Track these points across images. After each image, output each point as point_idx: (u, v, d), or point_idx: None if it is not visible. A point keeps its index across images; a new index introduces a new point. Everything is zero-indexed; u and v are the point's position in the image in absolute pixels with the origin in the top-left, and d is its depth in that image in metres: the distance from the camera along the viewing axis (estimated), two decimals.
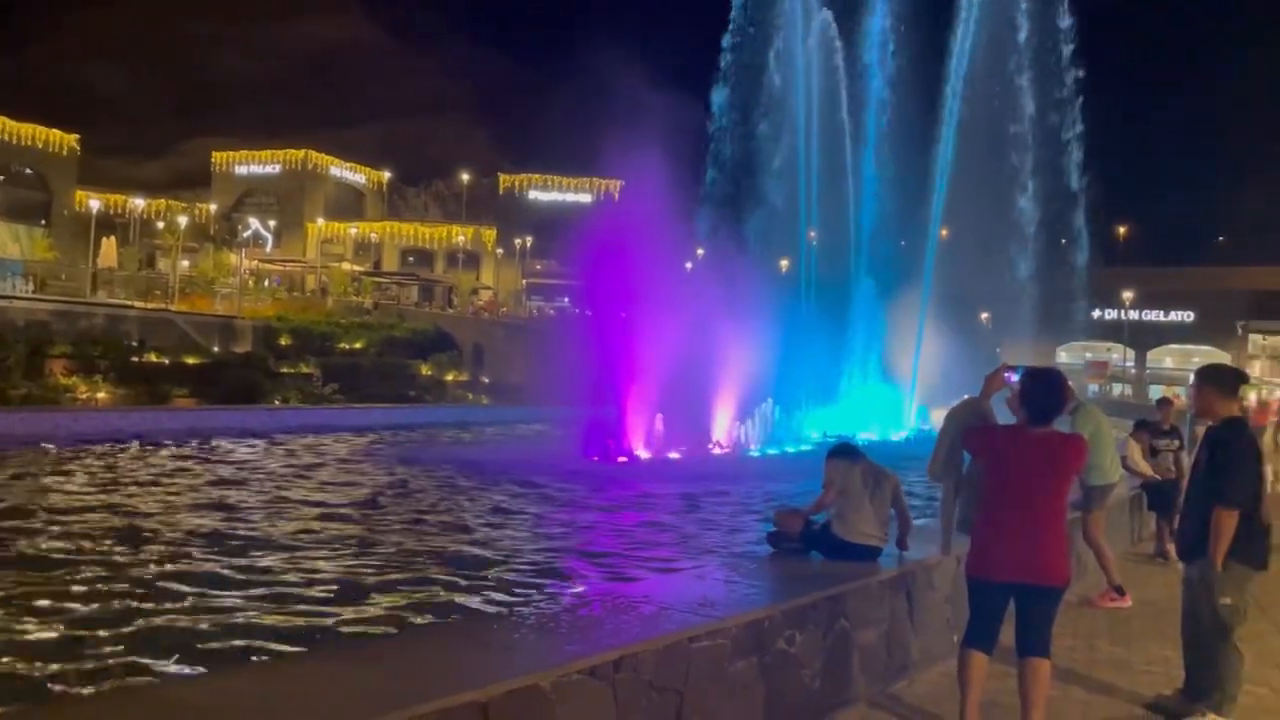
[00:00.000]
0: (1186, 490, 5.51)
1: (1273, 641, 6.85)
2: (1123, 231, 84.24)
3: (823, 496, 5.83)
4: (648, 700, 3.83)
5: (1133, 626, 7.08)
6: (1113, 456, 8.32)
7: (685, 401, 19.64)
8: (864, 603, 5.30)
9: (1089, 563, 8.43)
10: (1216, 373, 5.35)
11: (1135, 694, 5.54)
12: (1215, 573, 4.98)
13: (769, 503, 11.58)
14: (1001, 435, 4.88)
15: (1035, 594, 4.65)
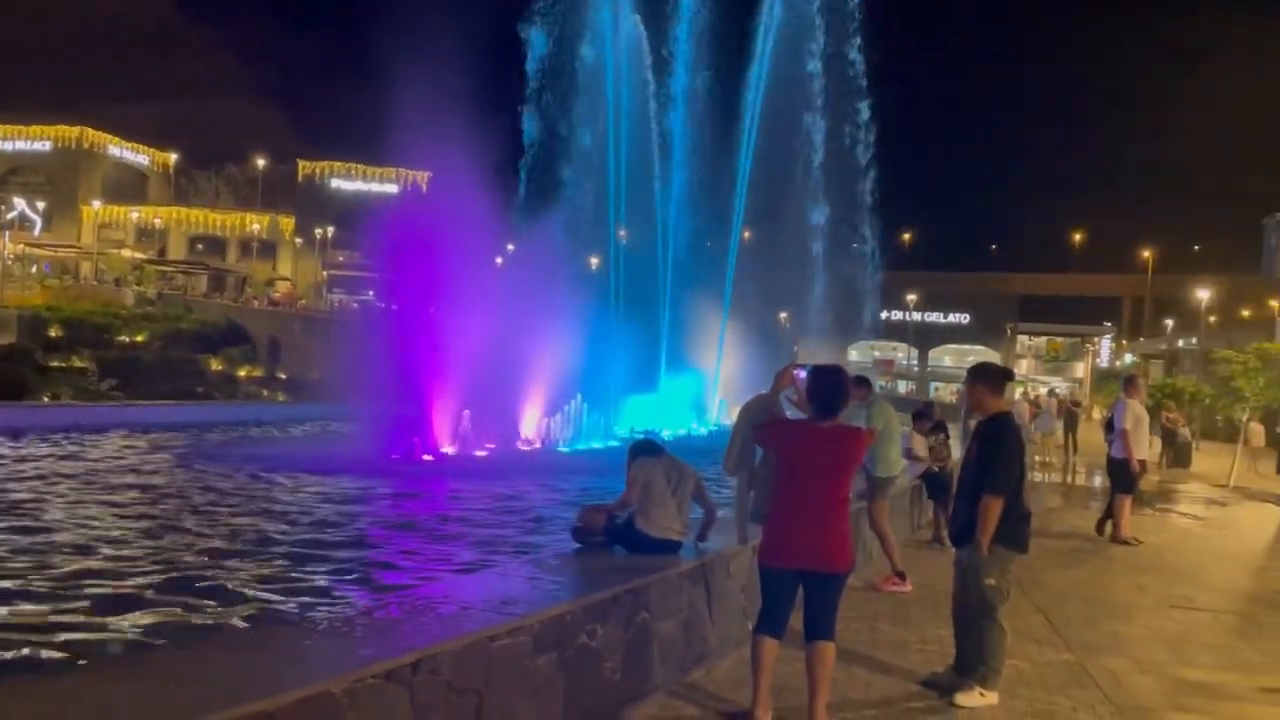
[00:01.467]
0: (958, 480, 5.92)
1: (1032, 619, 7.49)
2: (908, 238, 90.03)
3: (626, 493, 5.92)
4: (447, 702, 3.76)
5: (911, 609, 7.55)
6: (897, 450, 8.87)
7: (494, 398, 19.46)
8: (664, 594, 5.41)
9: (874, 550, 8.94)
10: (986, 371, 5.78)
11: (912, 672, 5.92)
12: (981, 555, 5.38)
13: (576, 499, 11.66)
14: (791, 429, 5.10)
15: (822, 580, 4.89)
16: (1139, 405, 12.09)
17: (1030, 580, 8.89)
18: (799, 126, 36.44)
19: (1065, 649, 6.70)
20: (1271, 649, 7.06)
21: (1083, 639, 6.98)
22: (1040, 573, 9.21)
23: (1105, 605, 8.19)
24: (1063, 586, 8.85)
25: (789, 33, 32.99)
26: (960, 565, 5.61)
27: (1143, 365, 62.67)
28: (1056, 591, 8.58)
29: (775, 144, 34.07)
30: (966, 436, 10.12)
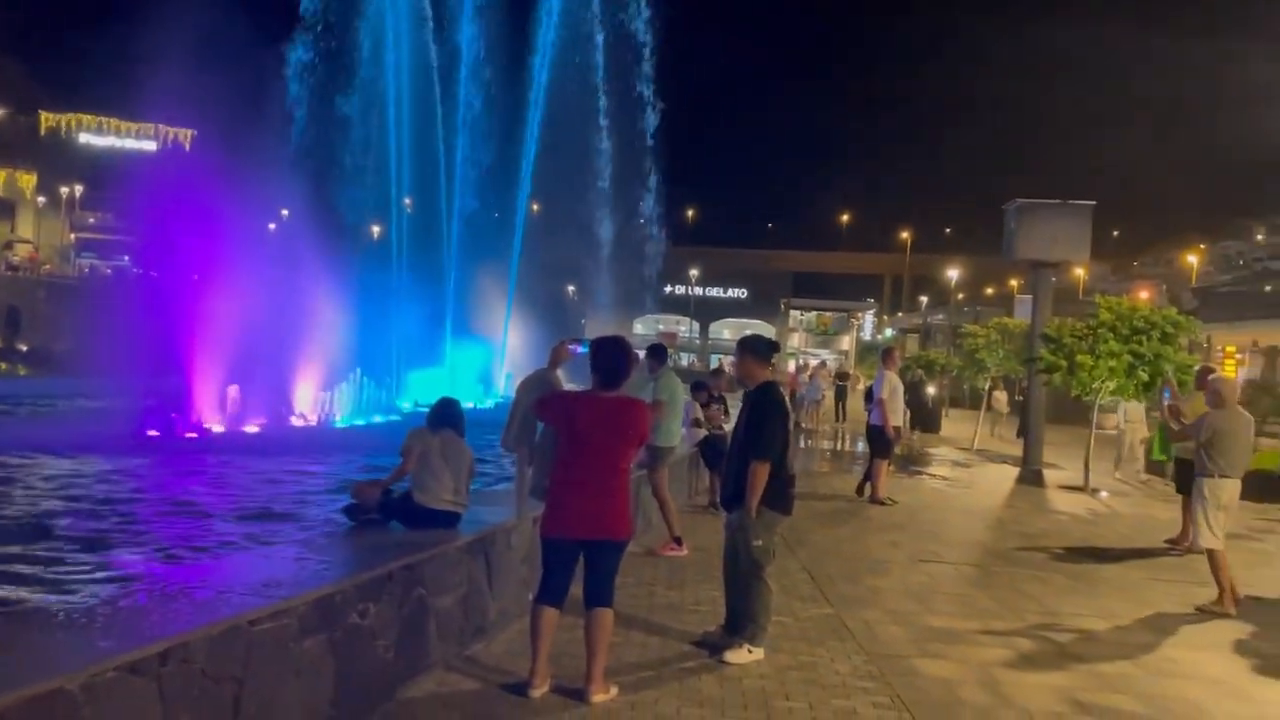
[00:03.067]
0: (729, 447, 6.15)
1: (798, 577, 7.92)
2: (691, 215, 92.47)
3: (402, 465, 5.77)
4: (201, 691, 3.54)
5: (687, 572, 7.81)
6: (679, 421, 9.11)
7: (265, 371, 18.48)
8: (442, 569, 5.32)
9: (654, 516, 9.16)
10: (754, 343, 6.03)
11: (686, 633, 6.12)
12: (750, 518, 5.63)
13: (351, 476, 11.27)
14: (573, 401, 5.12)
15: (602, 549, 4.97)
16: (894, 376, 12.99)
17: (797, 540, 9.39)
18: (584, 101, 36.57)
19: (827, 604, 7.13)
20: (1003, 596, 7.79)
21: (842, 594, 7.46)
22: (806, 533, 9.75)
23: (863, 562, 8.78)
24: (826, 545, 9.40)
25: (575, 5, 32.97)
26: (730, 528, 5.84)
27: (901, 339, 67.46)
28: (820, 550, 9.12)
29: (562, 117, 34.03)
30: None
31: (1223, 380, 8.24)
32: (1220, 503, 7.76)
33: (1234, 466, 7.77)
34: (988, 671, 5.76)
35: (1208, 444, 7.81)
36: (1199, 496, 7.84)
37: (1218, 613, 7.50)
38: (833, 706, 5.01)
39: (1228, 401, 7.90)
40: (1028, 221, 16.03)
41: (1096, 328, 14.21)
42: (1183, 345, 14.85)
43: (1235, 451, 7.77)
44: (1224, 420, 7.80)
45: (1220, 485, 7.75)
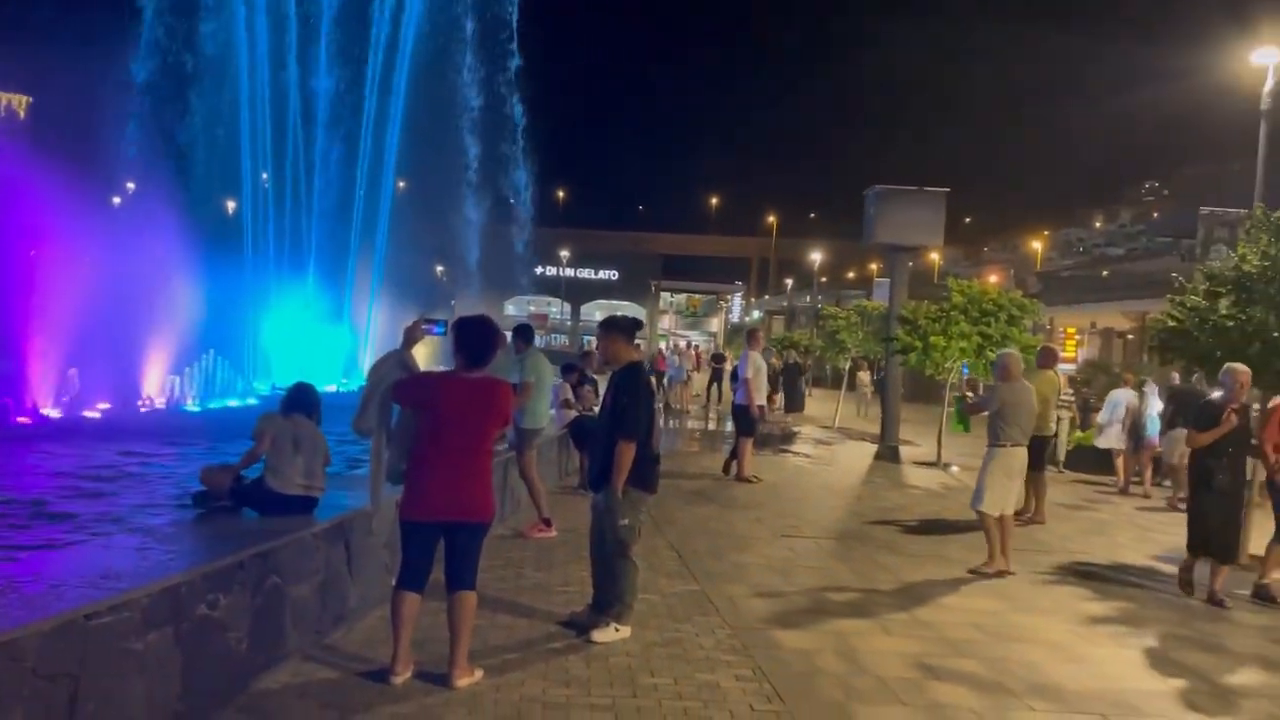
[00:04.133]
0: (599, 429, 6.13)
1: (664, 554, 8.01)
2: (562, 196, 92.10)
3: (253, 449, 5.55)
4: (33, 691, 3.32)
5: (556, 553, 7.79)
6: (546, 403, 9.04)
7: (109, 352, 17.46)
8: (298, 556, 5.14)
9: (523, 498, 9.10)
10: (619, 322, 6.03)
11: (554, 614, 6.11)
12: (616, 497, 5.65)
13: (201, 461, 10.76)
14: (433, 382, 5.01)
15: (465, 531, 4.89)
16: (759, 356, 13.26)
17: (665, 519, 9.50)
18: (453, 78, 35.84)
19: (693, 580, 7.24)
20: (859, 568, 8.07)
21: (708, 570, 7.58)
22: (674, 511, 9.87)
23: (728, 538, 8.95)
24: (692, 523, 9.54)
25: None
26: (597, 507, 5.85)
27: (768, 320, 68.93)
28: (687, 528, 9.24)
29: (430, 94, 33.24)
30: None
31: (1010, 356, 8.63)
32: (1010, 471, 8.16)
33: (1024, 434, 8.23)
34: (845, 641, 5.96)
35: (998, 415, 8.22)
36: (989, 464, 8.19)
37: (988, 574, 7.93)
38: (697, 681, 5.09)
39: (1014, 375, 8.36)
40: (885, 207, 16.57)
41: (949, 310, 14.83)
42: (1027, 327, 15.65)
43: (1022, 421, 8.21)
44: (1011, 393, 8.22)
45: (1011, 454, 8.15)
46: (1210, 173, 60.40)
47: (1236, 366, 7.67)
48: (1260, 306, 8.73)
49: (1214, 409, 7.54)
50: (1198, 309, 9.27)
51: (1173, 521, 11.71)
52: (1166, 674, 5.72)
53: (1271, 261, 8.88)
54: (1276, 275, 8.78)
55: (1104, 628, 6.69)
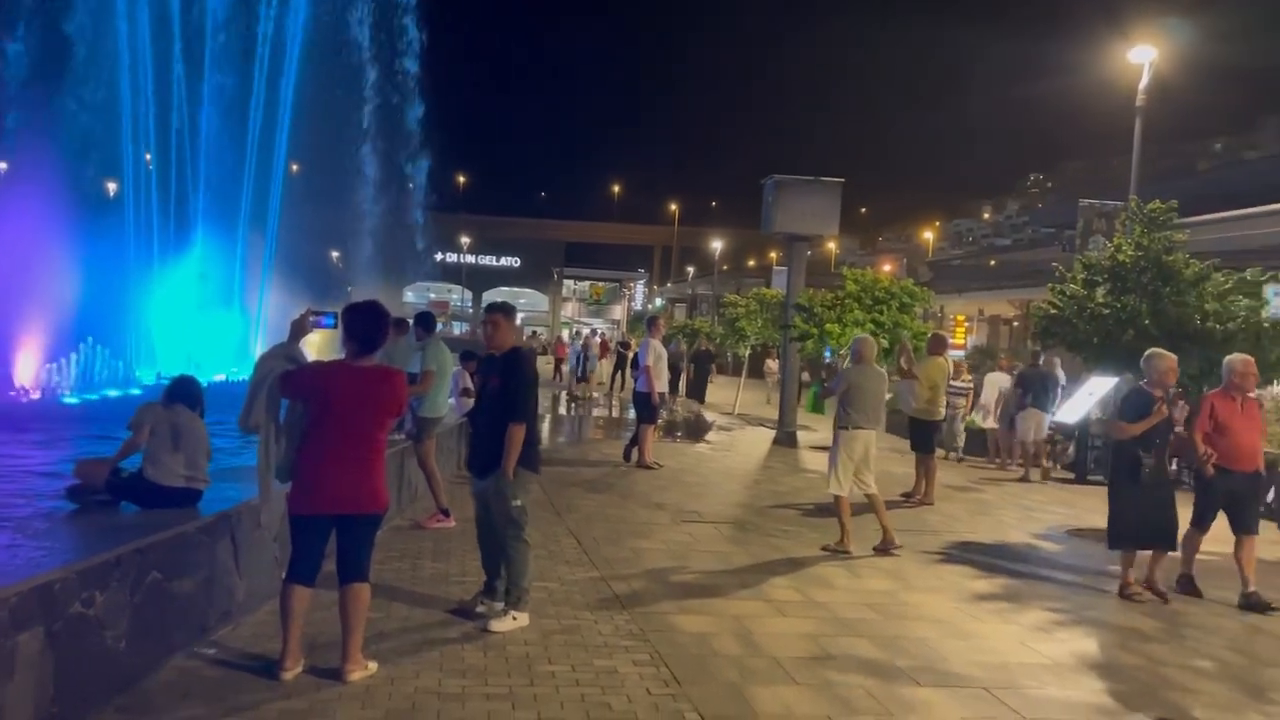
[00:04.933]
0: (476, 413, 6.06)
1: (564, 542, 7.99)
2: (463, 181, 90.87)
3: (131, 440, 5.33)
4: None
5: (453, 543, 7.70)
6: (445, 392, 8.90)
7: None
8: (181, 551, 4.96)
9: (420, 488, 8.96)
10: (506, 307, 6.01)
11: (449, 602, 6.04)
12: (508, 479, 5.63)
13: (80, 454, 10.28)
14: (322, 373, 4.88)
15: (358, 523, 4.79)
16: (659, 344, 13.33)
17: (565, 506, 9.48)
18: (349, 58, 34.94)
19: (592, 567, 7.24)
20: (757, 551, 8.20)
21: (607, 556, 7.59)
22: (574, 499, 9.85)
23: (628, 525, 8.98)
24: (593, 510, 9.54)
25: None
26: (486, 493, 5.79)
27: (670, 308, 69.35)
28: (587, 515, 9.24)
29: (324, 76, 32.33)
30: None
31: (863, 340, 8.79)
32: (854, 453, 8.29)
33: (868, 419, 8.37)
34: (741, 623, 6.04)
35: (845, 398, 8.36)
36: (836, 446, 8.38)
37: (840, 551, 8.16)
38: (595, 667, 5.09)
39: (864, 359, 8.52)
40: (784, 197, 16.82)
41: (844, 298, 15.16)
42: (918, 314, 16.11)
43: (869, 405, 8.36)
44: (860, 376, 8.39)
45: (855, 436, 8.29)
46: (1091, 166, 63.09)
47: (1159, 353, 7.49)
48: (1133, 295, 9.16)
49: (1143, 398, 7.28)
50: (1076, 297, 9.68)
51: (1055, 501, 12.25)
52: (1046, 648, 5.96)
53: (1144, 252, 9.31)
54: (1149, 265, 9.22)
55: (988, 605, 6.93)
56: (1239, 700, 5.24)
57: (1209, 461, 7.35)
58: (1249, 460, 7.44)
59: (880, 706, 4.79)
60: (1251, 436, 7.49)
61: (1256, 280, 9.28)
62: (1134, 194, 12.46)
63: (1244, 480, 7.42)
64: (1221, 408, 7.43)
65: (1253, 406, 7.63)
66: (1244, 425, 7.43)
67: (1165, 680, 5.48)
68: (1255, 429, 7.57)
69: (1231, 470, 7.37)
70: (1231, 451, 7.37)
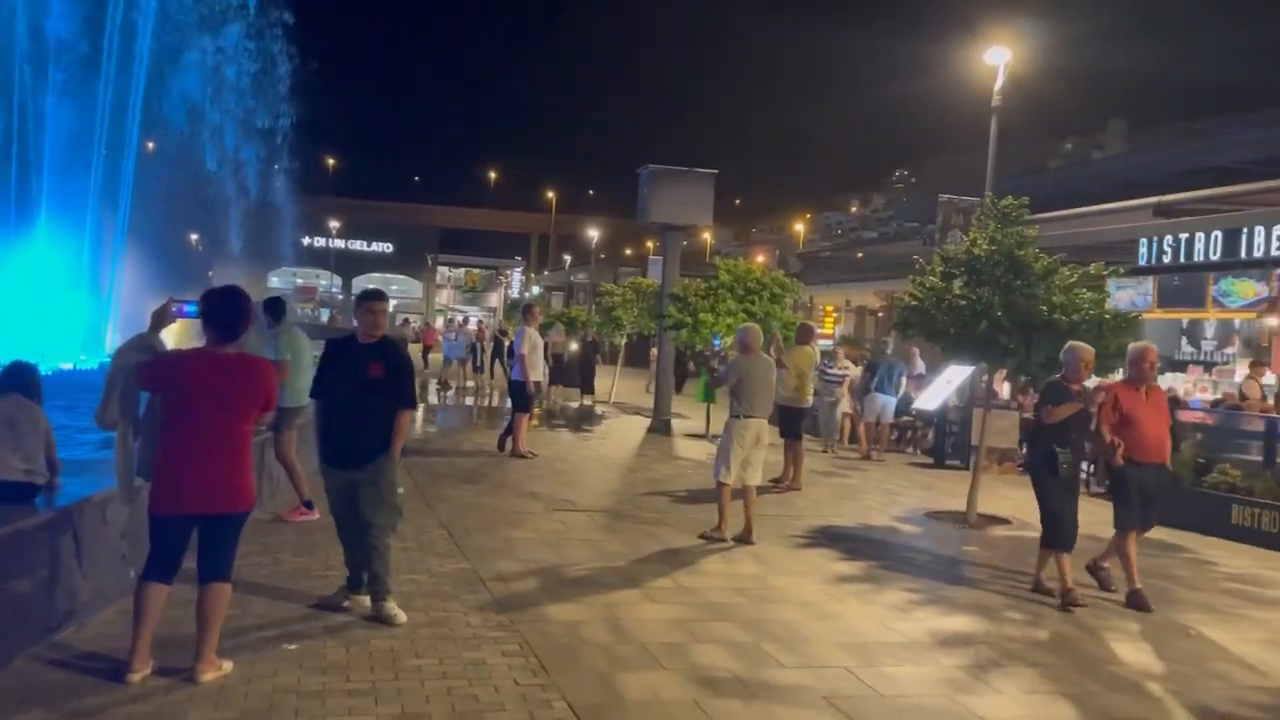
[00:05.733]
0: (353, 404, 5.83)
1: (434, 533, 7.87)
2: (333, 164, 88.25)
3: None
4: None
5: (317, 536, 7.46)
6: (307, 380, 8.55)
7: None
8: (17, 549, 4.66)
9: (282, 480, 8.67)
10: (376, 295, 5.87)
11: (310, 597, 5.87)
12: (394, 466, 5.59)
13: None
14: (183, 362, 4.65)
15: (222, 522, 4.60)
16: (535, 332, 13.25)
17: (436, 496, 9.34)
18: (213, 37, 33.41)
19: (463, 558, 7.15)
20: (629, 539, 8.25)
21: (479, 547, 7.51)
22: (445, 489, 9.71)
23: (501, 514, 8.90)
24: (465, 500, 9.43)
25: None
26: (349, 485, 5.63)
27: (547, 296, 69.04)
28: (459, 505, 9.12)
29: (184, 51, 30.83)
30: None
31: (749, 330, 8.87)
32: (745, 442, 8.33)
33: (757, 407, 8.45)
34: (611, 610, 6.07)
35: (735, 387, 8.48)
36: (728, 435, 8.45)
37: (716, 539, 8.23)
38: (463, 660, 5.03)
39: (753, 349, 8.62)
40: (658, 186, 16.94)
41: (717, 288, 15.38)
42: (789, 304, 16.47)
43: (759, 394, 8.46)
44: (749, 366, 8.49)
45: (746, 425, 8.36)
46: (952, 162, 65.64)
47: (1076, 346, 7.24)
48: (987, 288, 9.56)
49: (1060, 392, 7.03)
50: (935, 289, 10.04)
51: (915, 485, 12.74)
52: (904, 627, 6.19)
53: (998, 246, 9.73)
54: (1002, 259, 9.64)
55: (851, 586, 7.16)
56: (1073, 671, 5.55)
57: (1117, 452, 7.08)
58: (1156, 451, 7.20)
59: (746, 689, 4.89)
60: (1158, 427, 7.24)
61: (1100, 274, 9.80)
62: (989, 191, 13.03)
63: (1152, 473, 7.19)
64: (1125, 398, 7.19)
65: (1158, 395, 7.43)
66: (1149, 415, 7.19)
67: (1013, 654, 5.77)
68: (1161, 419, 7.32)
69: (1140, 463, 7.12)
70: (1138, 443, 7.12)
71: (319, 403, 5.82)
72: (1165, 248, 13.63)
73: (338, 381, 5.69)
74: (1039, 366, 9.42)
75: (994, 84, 15.66)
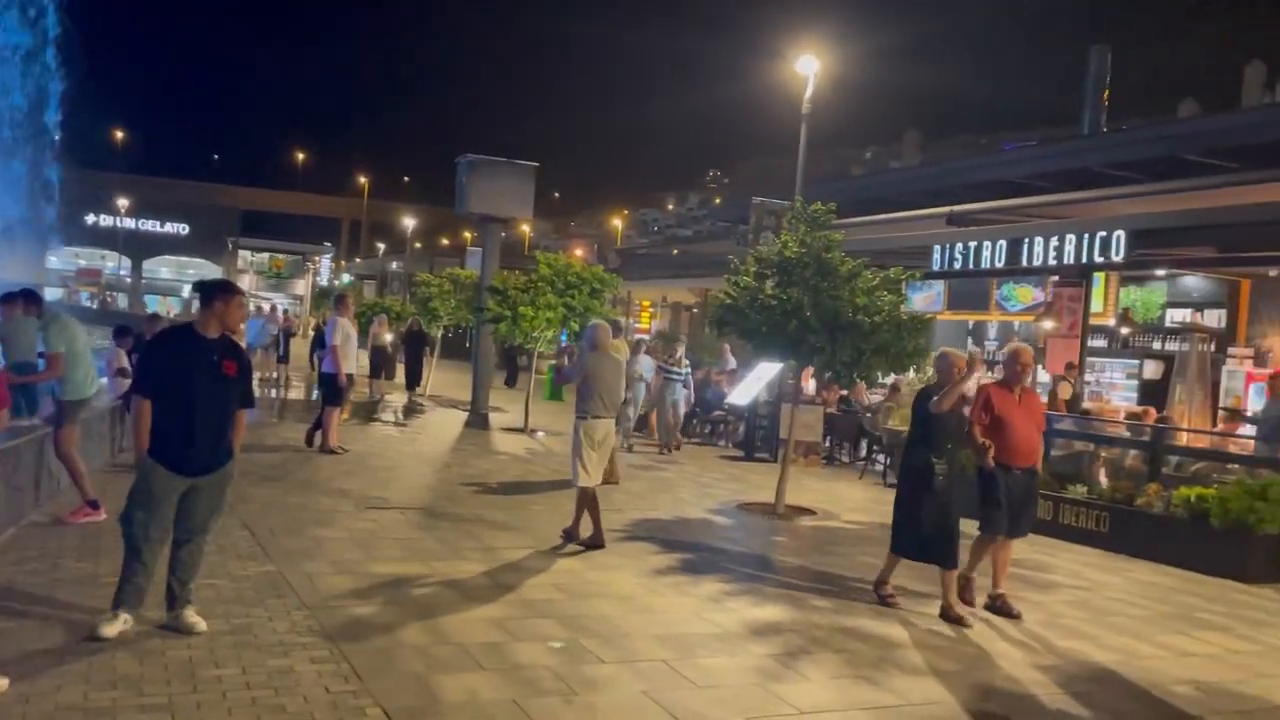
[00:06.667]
0: (203, 404, 5.36)
1: (237, 535, 7.46)
2: (120, 138, 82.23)
3: None
4: None
5: (104, 539, 6.92)
6: (87, 370, 7.90)
7: None
8: None
9: (64, 480, 8.00)
10: (234, 287, 5.54)
11: (100, 608, 5.40)
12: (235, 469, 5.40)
13: None
14: None
15: None
16: (348, 322, 12.79)
17: (238, 495, 8.80)
18: None
19: (268, 560, 6.81)
20: (445, 537, 8.09)
21: (285, 548, 7.17)
22: (248, 488, 9.21)
23: (310, 513, 8.54)
24: (270, 499, 8.98)
25: None
26: (190, 489, 5.25)
27: (358, 285, 66.86)
28: (264, 504, 8.68)
29: None
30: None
31: (598, 327, 8.73)
32: (594, 441, 8.15)
33: (606, 408, 8.24)
34: (428, 611, 5.93)
35: (582, 386, 8.29)
36: (576, 437, 8.20)
37: (572, 538, 8.10)
38: (269, 668, 4.78)
39: (601, 346, 8.44)
40: (478, 177, 16.71)
41: (537, 281, 15.31)
42: (608, 299, 16.62)
43: (607, 394, 8.32)
44: (597, 364, 8.33)
45: (594, 425, 8.15)
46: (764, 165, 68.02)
47: (948, 352, 6.99)
48: (797, 289, 9.95)
49: (931, 395, 6.84)
50: (749, 288, 10.37)
51: (727, 477, 13.12)
52: (718, 617, 6.36)
53: (807, 249, 10.15)
54: (811, 261, 10.05)
55: (668, 579, 7.29)
56: (874, 657, 5.86)
57: (988, 454, 6.84)
58: (1027, 456, 7.01)
59: (565, 686, 4.89)
60: (1030, 430, 7.06)
61: (898, 278, 10.40)
62: (799, 194, 13.56)
63: (1021, 478, 6.99)
64: (999, 400, 7.00)
65: (1032, 398, 7.28)
66: (1023, 418, 7.00)
67: (819, 642, 6.02)
68: (1034, 423, 7.15)
69: (1010, 466, 6.93)
70: (1010, 446, 6.92)
71: (149, 401, 5.12)
72: (956, 255, 14.60)
73: (183, 379, 5.13)
74: (843, 364, 9.90)
75: (804, 92, 16.32)
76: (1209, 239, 14.11)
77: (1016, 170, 17.93)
